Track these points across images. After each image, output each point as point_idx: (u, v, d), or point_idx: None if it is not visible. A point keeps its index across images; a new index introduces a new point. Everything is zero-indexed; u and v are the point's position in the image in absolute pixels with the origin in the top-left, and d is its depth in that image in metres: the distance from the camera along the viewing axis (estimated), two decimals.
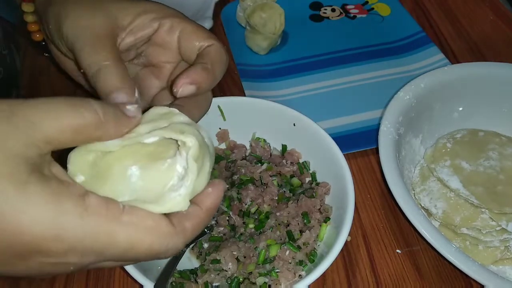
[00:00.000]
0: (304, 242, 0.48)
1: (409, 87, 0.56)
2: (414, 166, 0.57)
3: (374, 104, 0.65)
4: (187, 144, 0.30)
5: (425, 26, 0.79)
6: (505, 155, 0.54)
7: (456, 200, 0.51)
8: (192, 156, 0.30)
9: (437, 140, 0.58)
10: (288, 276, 0.45)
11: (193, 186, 0.30)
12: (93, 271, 0.50)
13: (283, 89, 0.69)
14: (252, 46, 0.74)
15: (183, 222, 0.29)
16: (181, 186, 0.30)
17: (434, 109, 0.58)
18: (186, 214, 0.30)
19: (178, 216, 0.30)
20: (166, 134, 0.30)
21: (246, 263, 0.46)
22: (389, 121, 0.53)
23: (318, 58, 0.73)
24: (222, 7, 0.79)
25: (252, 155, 0.57)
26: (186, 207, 0.30)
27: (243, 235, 0.49)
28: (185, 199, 0.30)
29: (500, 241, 0.49)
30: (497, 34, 0.77)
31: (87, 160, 0.30)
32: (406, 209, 0.46)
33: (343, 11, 0.82)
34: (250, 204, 0.52)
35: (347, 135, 0.62)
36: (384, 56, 0.73)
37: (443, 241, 0.44)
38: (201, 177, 0.31)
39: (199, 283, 0.46)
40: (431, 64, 0.70)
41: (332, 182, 0.52)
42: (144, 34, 0.39)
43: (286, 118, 0.55)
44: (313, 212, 0.50)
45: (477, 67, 0.60)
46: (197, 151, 0.30)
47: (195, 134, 0.30)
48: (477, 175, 0.52)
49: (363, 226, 0.54)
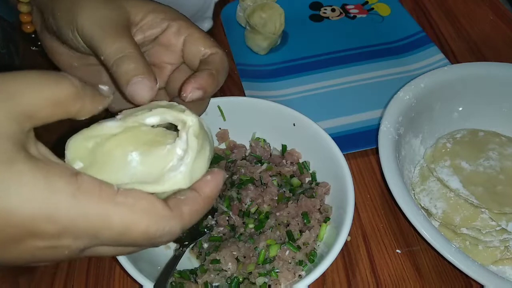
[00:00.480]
0: (304, 242, 0.48)
1: (409, 87, 0.56)
2: (414, 166, 0.57)
3: (374, 104, 0.65)
4: (188, 123, 0.30)
5: (425, 26, 0.79)
6: (505, 155, 0.54)
7: (456, 200, 0.51)
8: (193, 133, 0.30)
9: (437, 140, 0.58)
10: (288, 276, 0.45)
11: (192, 164, 0.30)
12: (93, 271, 0.50)
13: (283, 89, 0.69)
14: (252, 46, 0.74)
15: (180, 206, 0.29)
16: (181, 164, 0.29)
17: (434, 109, 0.58)
18: (184, 199, 0.29)
19: (175, 200, 0.29)
20: (167, 113, 0.30)
21: (246, 263, 0.46)
22: (389, 121, 0.53)
23: (318, 58, 0.73)
24: (222, 7, 0.79)
25: (252, 155, 0.57)
26: (186, 186, 0.29)
27: (243, 235, 0.49)
28: (185, 177, 0.29)
29: (500, 241, 0.49)
30: (497, 34, 0.77)
31: (86, 147, 0.30)
32: (406, 209, 0.46)
33: (343, 11, 0.82)
34: (250, 204, 0.52)
35: (347, 135, 0.62)
36: (384, 56, 0.73)
37: (443, 241, 0.44)
38: (201, 160, 0.30)
39: (199, 283, 0.46)
40: (431, 64, 0.70)
41: (332, 182, 0.52)
42: (152, 33, 0.40)
43: (286, 118, 0.55)
44: (313, 212, 0.50)
45: (477, 67, 0.60)
46: (197, 129, 0.30)
47: (195, 115, 0.31)
48: (477, 175, 0.52)
49: (363, 226, 0.54)
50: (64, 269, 0.51)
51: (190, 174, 0.30)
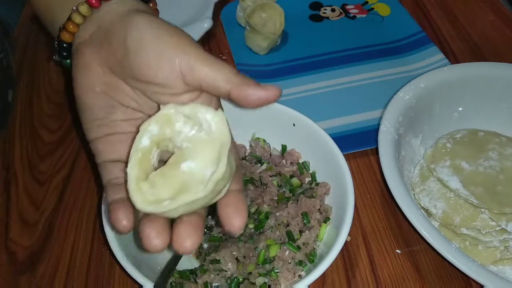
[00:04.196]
0: (304, 242, 0.48)
1: (409, 87, 0.56)
2: (414, 166, 0.57)
3: (374, 104, 0.65)
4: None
5: (425, 26, 0.79)
6: (505, 155, 0.54)
7: (456, 200, 0.51)
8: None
9: (437, 140, 0.58)
10: (288, 276, 0.45)
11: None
12: (93, 271, 0.50)
13: (283, 89, 0.68)
14: (252, 46, 0.74)
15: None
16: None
17: (434, 109, 0.58)
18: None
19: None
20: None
21: (245, 263, 0.46)
22: (389, 121, 0.53)
23: (318, 58, 0.73)
24: (222, 7, 0.79)
25: (252, 155, 0.57)
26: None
27: (242, 235, 0.49)
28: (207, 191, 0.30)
29: (500, 241, 0.49)
30: (497, 34, 0.77)
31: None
32: (406, 209, 0.46)
33: (343, 11, 0.82)
34: (250, 204, 0.52)
35: (347, 135, 0.62)
36: (384, 56, 0.73)
37: (442, 241, 0.44)
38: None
39: (199, 283, 0.46)
40: (431, 64, 0.70)
41: (332, 182, 0.52)
42: None
43: (286, 118, 0.55)
44: (313, 212, 0.50)
45: (477, 67, 0.60)
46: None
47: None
48: (477, 175, 0.52)
49: (363, 226, 0.54)
50: (64, 269, 0.51)
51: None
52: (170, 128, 0.32)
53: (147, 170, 0.32)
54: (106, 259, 0.51)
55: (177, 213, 0.31)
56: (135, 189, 0.31)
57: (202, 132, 0.32)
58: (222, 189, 0.32)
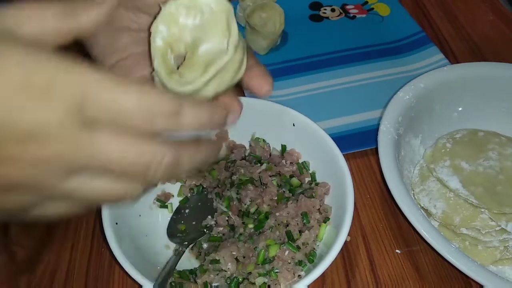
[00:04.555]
0: (304, 242, 0.48)
1: (408, 87, 0.56)
2: (413, 166, 0.57)
3: (374, 104, 0.65)
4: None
5: (425, 26, 0.79)
6: (505, 155, 0.54)
7: (456, 200, 0.51)
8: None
9: (437, 140, 0.58)
10: (288, 276, 0.45)
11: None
12: (92, 271, 0.50)
13: (283, 89, 0.69)
14: (252, 46, 0.73)
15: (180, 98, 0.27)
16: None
17: (434, 109, 0.58)
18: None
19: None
20: None
21: (245, 263, 0.46)
22: (389, 121, 0.53)
23: (318, 58, 0.73)
24: None
25: (252, 155, 0.57)
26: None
27: (242, 235, 0.49)
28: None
29: (500, 241, 0.49)
30: (497, 34, 0.77)
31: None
32: (406, 209, 0.46)
33: (342, 11, 0.82)
34: (250, 204, 0.52)
35: (347, 135, 0.62)
36: (384, 56, 0.73)
37: (442, 241, 0.44)
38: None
39: (199, 283, 0.46)
40: (431, 64, 0.70)
41: (332, 182, 0.52)
42: None
43: (286, 118, 0.55)
44: (313, 212, 0.50)
45: (477, 67, 0.60)
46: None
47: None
48: (477, 175, 0.52)
49: (363, 226, 0.54)
50: (64, 269, 0.51)
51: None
52: (177, 25, 0.33)
53: (169, 69, 0.33)
54: (106, 259, 0.51)
55: (211, 90, 0.32)
56: (167, 78, 0.32)
57: (205, 16, 0.33)
58: (241, 63, 0.33)
